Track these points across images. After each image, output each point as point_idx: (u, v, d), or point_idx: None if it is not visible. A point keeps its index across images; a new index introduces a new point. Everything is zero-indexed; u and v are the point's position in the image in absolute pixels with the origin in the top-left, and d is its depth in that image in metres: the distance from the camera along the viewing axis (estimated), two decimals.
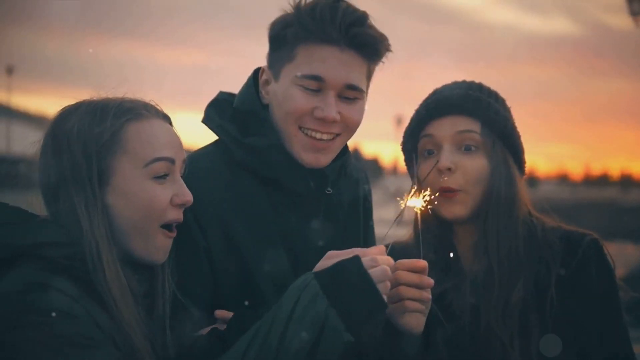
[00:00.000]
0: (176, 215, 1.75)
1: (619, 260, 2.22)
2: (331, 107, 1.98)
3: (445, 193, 2.14)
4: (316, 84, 1.98)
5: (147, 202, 1.70)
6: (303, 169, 2.06)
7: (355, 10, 2.00)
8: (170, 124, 1.83)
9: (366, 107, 2.13)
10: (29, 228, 1.64)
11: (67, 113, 1.74)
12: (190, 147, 2.23)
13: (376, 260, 1.65)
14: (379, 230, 2.30)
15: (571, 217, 2.36)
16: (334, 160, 2.11)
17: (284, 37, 2.02)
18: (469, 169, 2.15)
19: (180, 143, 1.80)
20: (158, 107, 1.81)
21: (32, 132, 1.84)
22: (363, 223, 2.26)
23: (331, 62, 1.98)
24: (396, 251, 1.93)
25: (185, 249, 1.87)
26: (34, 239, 1.62)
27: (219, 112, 2.11)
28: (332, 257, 1.71)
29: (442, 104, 2.20)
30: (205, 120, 2.12)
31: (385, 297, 1.64)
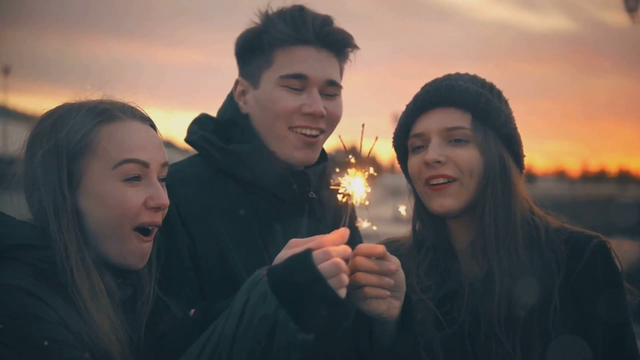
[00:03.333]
0: (150, 217, 1.72)
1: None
2: (318, 102, 2.08)
3: (437, 186, 2.09)
4: (300, 83, 2.08)
5: (118, 204, 1.68)
6: (286, 172, 2.10)
7: (319, 13, 2.14)
8: (153, 126, 1.81)
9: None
10: (4, 230, 1.64)
11: (45, 116, 1.74)
12: (188, 146, 2.24)
13: (328, 253, 1.56)
14: (378, 228, 2.29)
15: (569, 213, 2.32)
16: (315, 164, 2.15)
17: (259, 45, 2.11)
18: (461, 158, 2.09)
19: (158, 146, 1.77)
20: (138, 109, 1.79)
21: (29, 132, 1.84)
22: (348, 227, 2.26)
23: (311, 61, 2.09)
24: (391, 249, 1.91)
25: (169, 250, 1.88)
26: (8, 241, 1.62)
27: (201, 126, 2.18)
28: (292, 247, 1.65)
29: (430, 96, 2.17)
30: (188, 136, 2.18)
31: (342, 291, 1.56)
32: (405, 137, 2.21)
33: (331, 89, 2.13)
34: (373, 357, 1.87)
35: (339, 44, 2.13)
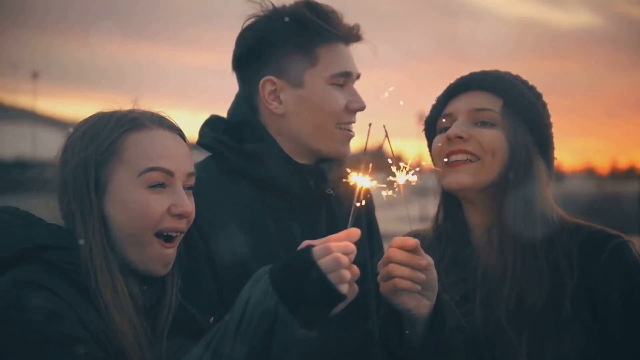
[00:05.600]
0: (173, 224, 1.75)
1: None
2: (361, 98, 2.13)
3: (455, 162, 2.05)
4: (344, 80, 2.11)
5: (141, 210, 1.72)
6: (302, 169, 2.10)
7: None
8: (182, 136, 1.85)
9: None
10: (33, 231, 1.70)
11: (80, 124, 1.80)
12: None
13: (328, 248, 1.55)
14: (401, 227, 2.29)
15: (598, 210, 2.27)
16: (329, 160, 2.16)
17: (297, 42, 2.07)
18: (484, 137, 2.05)
19: (185, 155, 1.81)
20: (166, 118, 1.83)
21: (57, 136, 1.90)
22: (366, 222, 2.25)
23: (349, 57, 2.12)
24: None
25: (187, 257, 1.89)
26: (36, 241, 1.68)
27: (212, 128, 2.17)
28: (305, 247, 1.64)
29: (463, 81, 2.16)
30: (200, 140, 2.17)
31: (343, 287, 1.55)
32: (435, 121, 2.18)
33: (354, 83, 2.16)
34: (401, 356, 1.86)
35: (358, 39, 2.15)
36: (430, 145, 2.22)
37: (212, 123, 2.19)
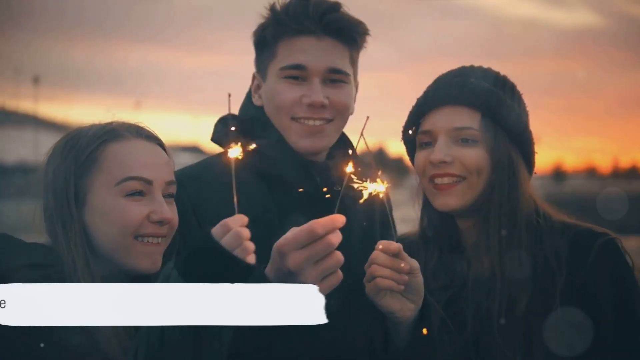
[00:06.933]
0: (153, 229, 1.77)
1: None
2: (317, 92, 2.06)
3: (442, 185, 2.04)
4: (299, 73, 2.08)
5: (120, 217, 1.74)
6: (308, 166, 2.09)
7: (325, 1, 2.10)
8: (161, 146, 1.88)
9: (359, 99, 2.19)
10: (13, 252, 1.70)
11: (61, 138, 1.83)
12: (215, 151, 2.26)
13: (226, 225, 1.53)
14: (406, 228, 2.29)
15: (599, 210, 2.25)
16: (340, 156, 2.13)
17: (265, 38, 2.12)
18: (468, 158, 2.03)
19: (163, 164, 1.83)
20: (144, 129, 1.87)
21: None
22: (380, 222, 2.23)
23: (310, 50, 2.08)
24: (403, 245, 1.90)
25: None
26: (16, 262, 1.67)
27: (226, 124, 2.17)
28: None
29: (440, 93, 2.11)
30: (213, 136, 2.19)
31: (250, 258, 1.53)
32: (414, 132, 2.15)
33: (335, 76, 2.10)
34: (386, 359, 1.86)
35: (343, 31, 2.10)
36: (408, 151, 2.21)
37: (225, 120, 2.20)
